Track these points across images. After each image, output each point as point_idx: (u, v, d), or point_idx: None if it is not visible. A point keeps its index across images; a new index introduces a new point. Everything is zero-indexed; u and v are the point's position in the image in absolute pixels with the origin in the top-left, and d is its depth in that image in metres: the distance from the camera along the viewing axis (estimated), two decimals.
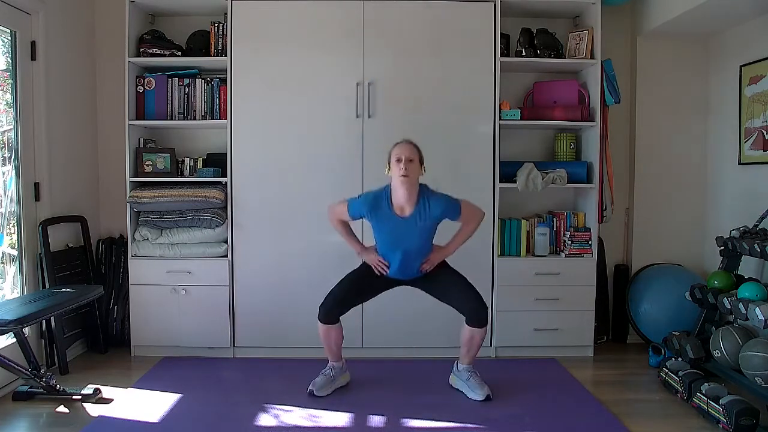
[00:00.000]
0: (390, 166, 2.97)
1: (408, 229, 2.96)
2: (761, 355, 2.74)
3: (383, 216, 2.99)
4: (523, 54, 3.77)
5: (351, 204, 3.06)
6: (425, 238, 3.02)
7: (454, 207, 2.99)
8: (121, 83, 3.72)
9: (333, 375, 3.16)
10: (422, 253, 3.06)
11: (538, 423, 2.80)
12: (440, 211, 2.96)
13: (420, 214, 2.96)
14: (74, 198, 3.75)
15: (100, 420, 2.80)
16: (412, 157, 2.92)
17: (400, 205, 2.97)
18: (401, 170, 2.88)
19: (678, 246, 4.09)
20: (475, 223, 3.08)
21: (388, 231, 3.02)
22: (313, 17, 3.62)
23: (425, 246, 3.05)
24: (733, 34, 3.76)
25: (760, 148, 3.46)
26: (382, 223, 3.01)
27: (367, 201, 3.01)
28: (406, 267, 3.06)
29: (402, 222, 2.97)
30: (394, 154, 2.94)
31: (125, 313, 3.79)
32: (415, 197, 2.95)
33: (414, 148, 2.97)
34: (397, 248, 3.02)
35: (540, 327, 3.72)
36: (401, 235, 2.98)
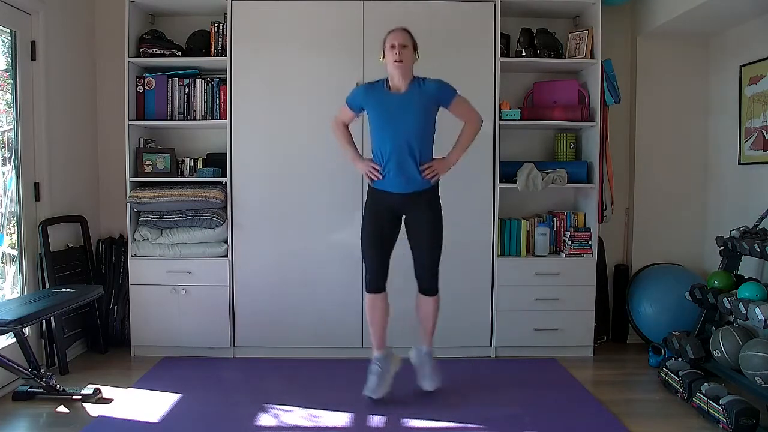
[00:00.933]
0: (384, 53, 2.93)
1: (405, 107, 2.90)
2: (761, 355, 2.74)
3: (379, 96, 2.95)
4: (523, 54, 3.77)
5: (349, 95, 3.05)
6: (423, 120, 2.93)
7: (449, 88, 2.95)
8: (121, 83, 3.72)
9: (381, 369, 3.02)
10: (419, 146, 2.92)
11: (538, 423, 2.80)
12: (435, 87, 2.91)
13: (416, 90, 2.91)
14: (74, 198, 3.75)
15: (100, 420, 2.80)
16: (406, 43, 2.89)
17: (396, 86, 2.94)
18: (395, 56, 2.85)
19: (678, 246, 4.09)
20: (474, 125, 3.02)
21: (384, 112, 2.94)
22: (313, 17, 3.62)
23: (422, 135, 2.94)
24: (733, 34, 3.76)
25: (760, 148, 3.46)
26: (378, 103, 2.95)
27: (363, 86, 3.04)
28: (402, 163, 2.91)
29: (398, 98, 2.91)
30: (387, 41, 2.90)
31: (125, 313, 3.79)
32: (410, 79, 2.93)
33: (407, 34, 2.93)
34: (391, 131, 2.92)
35: (540, 327, 3.72)
36: (398, 115, 2.90)
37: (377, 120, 2.98)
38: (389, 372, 3.06)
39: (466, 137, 3.05)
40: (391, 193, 2.99)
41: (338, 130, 3.16)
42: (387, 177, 2.97)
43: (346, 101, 3.08)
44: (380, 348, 3.09)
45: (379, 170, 2.97)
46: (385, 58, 2.94)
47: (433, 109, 2.96)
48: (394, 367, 3.10)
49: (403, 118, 2.91)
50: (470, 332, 3.73)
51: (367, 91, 3.00)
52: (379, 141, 2.98)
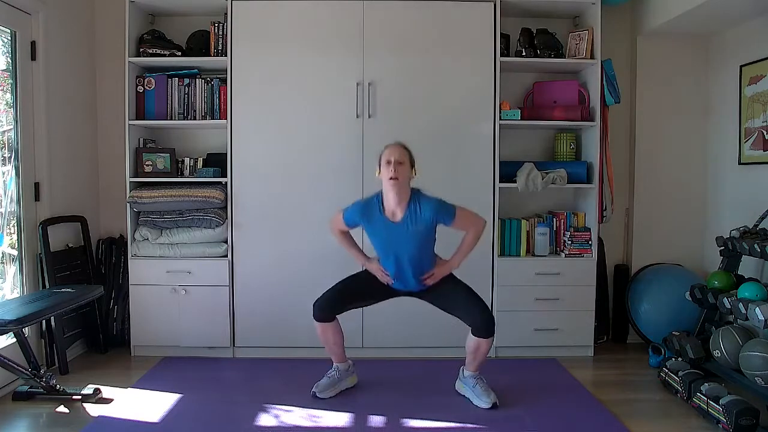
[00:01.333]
0: (380, 168, 2.91)
1: (400, 234, 2.90)
2: (761, 355, 2.74)
3: (375, 221, 2.94)
4: (523, 54, 3.77)
5: (345, 213, 3.03)
6: (419, 245, 2.93)
7: (447, 211, 2.89)
8: (121, 83, 3.72)
9: (337, 377, 3.13)
10: (419, 262, 2.97)
11: (538, 423, 2.80)
12: (431, 214, 2.86)
13: (411, 218, 2.88)
14: (74, 198, 3.75)
15: (100, 420, 2.80)
16: (402, 160, 2.85)
17: (392, 210, 2.91)
18: (390, 173, 2.82)
19: (678, 246, 4.09)
20: (476, 232, 2.98)
21: (382, 237, 2.98)
22: (314, 17, 3.62)
23: (421, 253, 2.96)
24: (733, 34, 3.76)
25: (760, 148, 3.46)
26: (376, 229, 2.97)
27: (359, 207, 2.99)
28: (403, 275, 3.00)
29: (394, 227, 2.91)
30: (384, 157, 2.88)
31: (125, 313, 3.79)
32: (406, 201, 2.89)
33: (404, 150, 2.91)
34: (391, 255, 2.97)
35: (540, 327, 3.72)
36: (394, 241, 2.92)
37: (375, 241, 3.03)
38: (343, 383, 3.14)
39: (469, 244, 3.01)
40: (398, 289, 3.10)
41: (340, 237, 3.13)
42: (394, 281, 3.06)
43: (342, 217, 3.03)
44: (341, 361, 3.16)
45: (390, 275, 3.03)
46: (380, 172, 2.91)
47: (431, 229, 2.94)
48: (348, 383, 3.17)
49: (400, 245, 2.92)
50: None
51: (363, 214, 2.96)
52: (380, 253, 3.06)
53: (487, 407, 2.93)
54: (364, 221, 2.98)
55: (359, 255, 3.16)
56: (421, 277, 3.00)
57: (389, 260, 3.00)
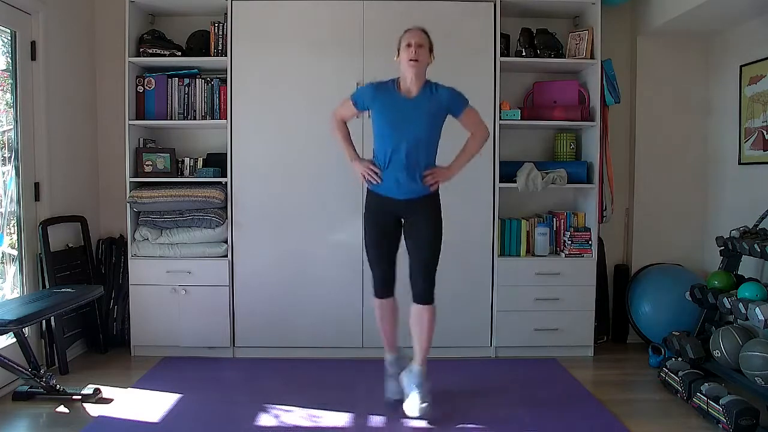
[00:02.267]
0: (399, 52, 2.85)
1: (413, 112, 2.81)
2: (761, 355, 2.74)
3: (388, 98, 2.85)
4: (523, 54, 3.77)
5: (356, 92, 2.97)
6: (428, 129, 2.84)
7: (460, 98, 2.87)
8: (121, 83, 3.72)
9: (397, 372, 3.00)
10: (424, 153, 2.85)
11: (538, 423, 2.80)
12: (447, 95, 2.84)
13: (426, 96, 2.83)
14: (74, 198, 3.75)
15: (100, 420, 2.80)
16: (422, 43, 2.81)
17: (407, 88, 2.84)
18: (411, 54, 2.76)
19: (678, 246, 4.09)
20: (481, 137, 2.94)
21: (392, 115, 2.84)
22: (313, 17, 3.62)
23: (427, 141, 2.86)
24: (733, 34, 3.76)
25: (760, 148, 3.46)
26: (386, 106, 2.85)
27: (373, 84, 2.92)
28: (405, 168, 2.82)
29: (408, 103, 2.82)
30: (404, 40, 2.82)
31: (125, 313, 3.79)
32: (422, 83, 2.85)
33: (424, 34, 2.86)
34: (397, 137, 2.82)
35: (540, 327, 3.72)
36: (405, 119, 2.81)
37: (384, 122, 2.87)
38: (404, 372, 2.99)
39: (471, 148, 2.96)
40: (389, 197, 2.91)
41: (337, 127, 3.03)
42: (387, 181, 2.88)
43: (351, 97, 2.96)
44: (392, 351, 3.07)
45: (378, 173, 2.88)
46: (399, 56, 2.86)
47: (441, 116, 2.88)
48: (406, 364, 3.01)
49: (411, 123, 2.81)
50: (470, 332, 3.73)
51: (376, 90, 2.88)
52: (382, 143, 2.88)
53: (414, 416, 2.76)
54: (375, 98, 2.87)
55: (351, 150, 3.03)
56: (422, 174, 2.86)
57: (392, 145, 2.83)
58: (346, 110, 3.00)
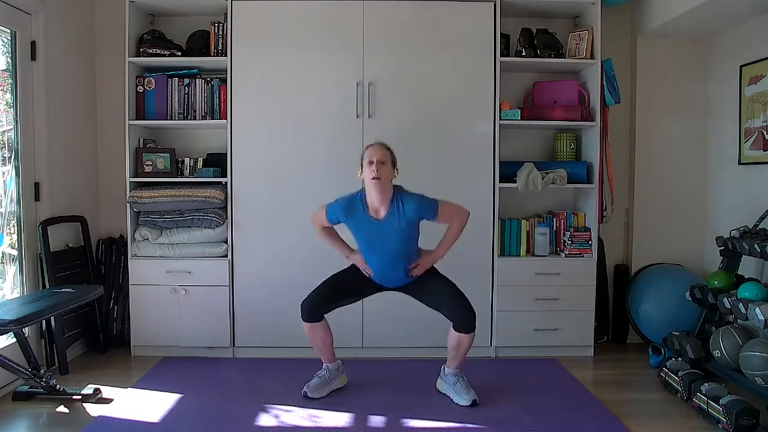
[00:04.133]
0: (362, 168, 2.92)
1: (384, 232, 2.91)
2: (761, 355, 2.74)
3: (359, 219, 2.95)
4: (523, 54, 3.77)
5: (328, 209, 3.02)
6: (403, 241, 2.95)
7: (429, 206, 2.90)
8: (121, 83, 3.72)
9: (327, 377, 3.13)
10: (404, 257, 2.99)
11: (538, 423, 2.80)
12: (414, 210, 2.88)
13: (394, 215, 2.89)
14: (74, 198, 3.75)
15: (100, 420, 2.80)
16: (384, 160, 2.87)
17: (375, 208, 2.92)
18: (372, 173, 2.83)
19: (678, 246, 4.09)
20: (459, 224, 2.98)
21: (365, 234, 2.98)
22: (313, 17, 3.62)
23: (406, 249, 2.98)
24: (733, 34, 3.75)
25: (760, 148, 3.46)
26: (359, 226, 2.97)
27: (342, 205, 2.98)
28: (388, 272, 3.02)
29: (377, 224, 2.92)
30: (365, 157, 2.90)
31: (125, 313, 3.79)
32: (389, 199, 2.90)
33: (386, 150, 2.92)
34: (375, 252, 2.99)
35: (540, 327, 3.72)
36: (378, 238, 2.94)
37: (359, 238, 3.03)
38: (334, 383, 3.14)
39: (453, 234, 3.01)
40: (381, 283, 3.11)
41: (323, 231, 3.13)
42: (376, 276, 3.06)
43: (325, 212, 3.02)
44: (330, 361, 3.15)
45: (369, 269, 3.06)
46: (362, 172, 2.92)
47: (414, 226, 2.95)
48: (338, 383, 3.16)
49: (384, 242, 2.94)
50: None
51: (346, 211, 2.96)
52: (363, 250, 3.06)
53: (466, 404, 2.94)
54: (347, 218, 2.98)
55: (342, 247, 3.15)
56: (407, 268, 3.00)
57: (373, 257, 3.01)
58: (322, 218, 3.09)
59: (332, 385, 3.13)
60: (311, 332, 3.05)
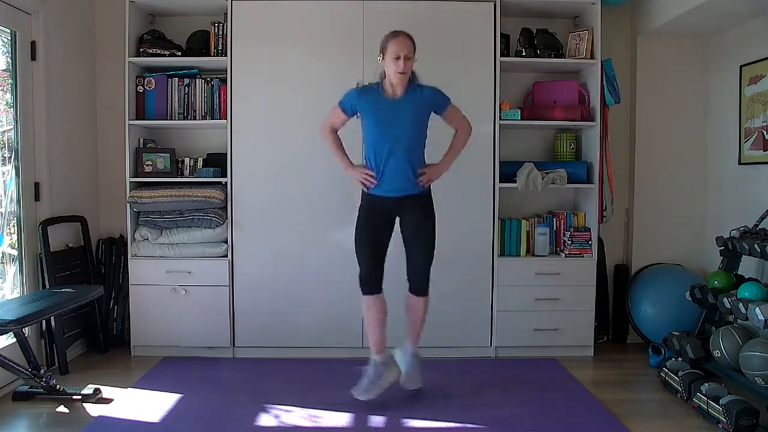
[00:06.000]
0: (384, 56, 2.88)
1: (400, 112, 2.89)
2: (761, 355, 2.74)
3: (374, 101, 2.93)
4: (523, 54, 3.77)
5: (343, 97, 3.00)
6: (417, 126, 2.93)
7: (444, 97, 2.96)
8: (121, 83, 3.72)
9: (376, 374, 2.96)
10: (414, 152, 2.93)
11: (538, 423, 2.80)
12: (431, 95, 2.92)
13: (411, 97, 2.90)
14: (74, 198, 3.75)
15: (100, 420, 2.80)
16: (410, 55, 2.85)
17: (393, 91, 2.92)
18: (399, 67, 2.82)
19: (678, 246, 4.09)
20: (464, 132, 3.04)
21: (380, 117, 2.92)
22: (313, 17, 3.62)
23: (416, 142, 2.94)
24: (733, 34, 3.75)
25: (760, 148, 3.46)
26: (374, 109, 2.93)
27: (357, 89, 3.01)
28: (396, 169, 2.91)
29: (393, 104, 2.90)
30: (392, 50, 2.84)
31: (125, 313, 3.79)
32: (406, 84, 2.92)
33: (412, 43, 2.88)
34: (386, 141, 2.90)
35: (540, 327, 3.72)
36: (393, 120, 2.89)
37: (372, 124, 2.95)
38: (385, 379, 2.98)
39: (458, 144, 3.07)
40: (385, 197, 2.98)
41: (328, 136, 3.09)
42: (381, 182, 2.96)
43: (339, 104, 3.02)
44: (379, 352, 3.01)
45: (374, 176, 2.96)
46: (383, 60, 2.90)
47: (426, 115, 2.97)
48: (390, 377, 3.00)
49: (398, 124, 2.90)
50: (470, 332, 3.73)
51: (361, 94, 2.97)
52: (373, 145, 2.96)
53: (412, 389, 3.05)
54: (361, 101, 2.96)
55: (344, 159, 3.09)
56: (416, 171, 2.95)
57: (383, 148, 2.92)
58: (335, 118, 3.06)
59: (384, 381, 2.96)
60: (371, 306, 2.99)
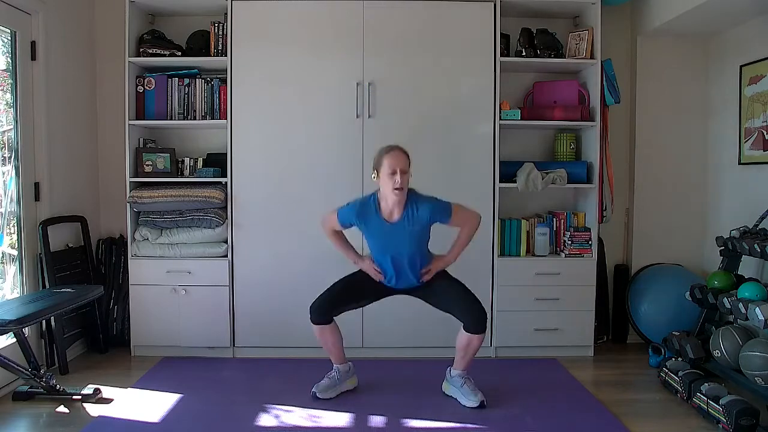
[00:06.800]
0: (379, 174, 2.87)
1: (397, 234, 2.91)
2: (761, 355, 2.74)
3: (372, 222, 2.94)
4: (523, 54, 3.77)
5: (340, 213, 3.01)
6: (416, 244, 2.95)
7: (444, 209, 2.91)
8: (121, 83, 3.72)
9: (338, 378, 3.11)
10: (416, 260, 2.98)
11: (538, 423, 2.80)
12: (428, 214, 2.88)
13: (409, 219, 2.89)
14: (74, 198, 3.75)
15: (100, 420, 2.80)
16: (406, 169, 2.84)
17: (389, 211, 2.92)
18: (396, 183, 2.80)
19: (678, 246, 4.09)
20: (471, 227, 2.99)
21: (378, 237, 2.98)
22: (313, 17, 3.62)
23: (418, 252, 2.98)
24: (733, 34, 3.75)
25: (760, 148, 3.46)
26: (372, 229, 2.96)
27: (355, 208, 2.97)
28: (400, 274, 3.00)
29: (391, 227, 2.92)
30: (387, 165, 2.82)
31: (125, 313, 3.79)
32: (404, 203, 2.90)
33: (407, 157, 2.88)
34: (388, 254, 2.97)
35: (540, 327, 3.72)
36: (391, 241, 2.93)
37: (372, 241, 3.03)
38: (343, 384, 3.12)
39: (465, 238, 3.02)
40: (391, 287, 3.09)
41: (332, 236, 3.11)
42: (387, 279, 3.05)
43: (337, 215, 3.00)
44: (339, 362, 3.13)
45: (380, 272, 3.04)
46: (378, 177, 2.89)
47: (426, 229, 2.97)
48: (348, 384, 3.14)
49: (397, 244, 2.93)
50: None
51: (359, 215, 2.95)
52: (376, 253, 3.04)
53: (474, 406, 2.92)
54: (359, 222, 2.97)
55: (351, 253, 3.15)
56: (419, 271, 3.00)
57: (386, 260, 3.00)
58: (334, 224, 3.07)
59: (342, 387, 3.12)
60: (321, 334, 3.04)
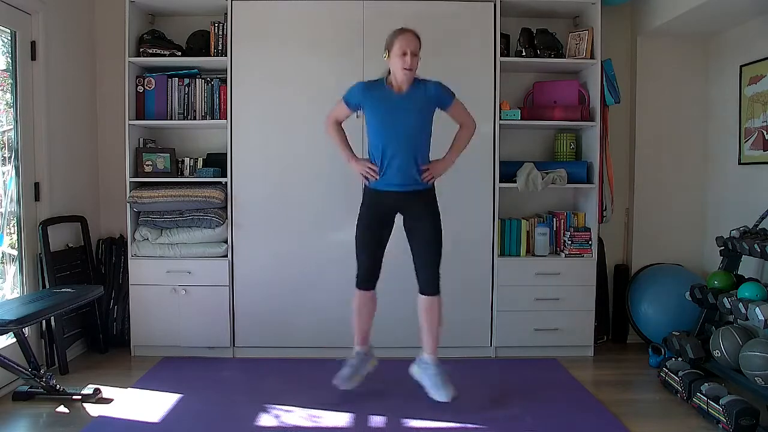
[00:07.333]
0: (390, 53, 2.90)
1: (404, 106, 2.90)
2: (761, 355, 2.74)
3: (379, 95, 2.93)
4: (523, 54, 3.77)
5: (348, 90, 3.01)
6: (421, 121, 2.93)
7: (449, 93, 2.96)
8: (121, 83, 3.72)
9: (357, 363, 3.08)
10: (417, 148, 2.94)
11: (538, 423, 2.80)
12: (436, 90, 2.92)
13: (416, 92, 2.91)
14: (74, 198, 3.75)
15: (100, 420, 2.80)
16: (417, 52, 2.87)
17: (398, 85, 2.92)
18: (405, 63, 2.83)
19: (678, 246, 4.09)
20: (469, 129, 3.04)
21: (383, 113, 2.92)
22: (313, 17, 3.62)
23: (420, 136, 2.95)
24: (733, 34, 3.76)
25: (760, 148, 3.46)
26: (378, 104, 2.93)
27: (363, 83, 3.02)
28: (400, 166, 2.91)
29: (399, 99, 2.91)
30: (398, 46, 2.85)
31: (125, 313, 3.78)
32: (412, 81, 2.93)
33: (418, 41, 2.90)
34: (390, 136, 2.91)
35: (540, 327, 3.72)
36: (397, 115, 2.89)
37: (376, 119, 2.96)
38: (364, 369, 3.11)
39: (462, 140, 3.06)
40: (388, 192, 2.98)
41: (333, 129, 3.10)
42: (385, 176, 2.96)
43: (343, 98, 3.03)
44: (362, 344, 3.14)
45: (376, 170, 2.96)
46: (389, 57, 2.91)
47: (431, 110, 2.97)
48: (368, 368, 3.14)
49: (403, 118, 2.91)
50: (470, 332, 3.73)
51: (366, 88, 2.97)
52: (377, 140, 2.97)
53: (445, 400, 2.90)
54: (366, 96, 2.96)
55: (347, 152, 3.10)
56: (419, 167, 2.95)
57: (388, 143, 2.92)
58: (339, 111, 3.07)
59: (363, 371, 3.10)
60: (361, 302, 3.06)
